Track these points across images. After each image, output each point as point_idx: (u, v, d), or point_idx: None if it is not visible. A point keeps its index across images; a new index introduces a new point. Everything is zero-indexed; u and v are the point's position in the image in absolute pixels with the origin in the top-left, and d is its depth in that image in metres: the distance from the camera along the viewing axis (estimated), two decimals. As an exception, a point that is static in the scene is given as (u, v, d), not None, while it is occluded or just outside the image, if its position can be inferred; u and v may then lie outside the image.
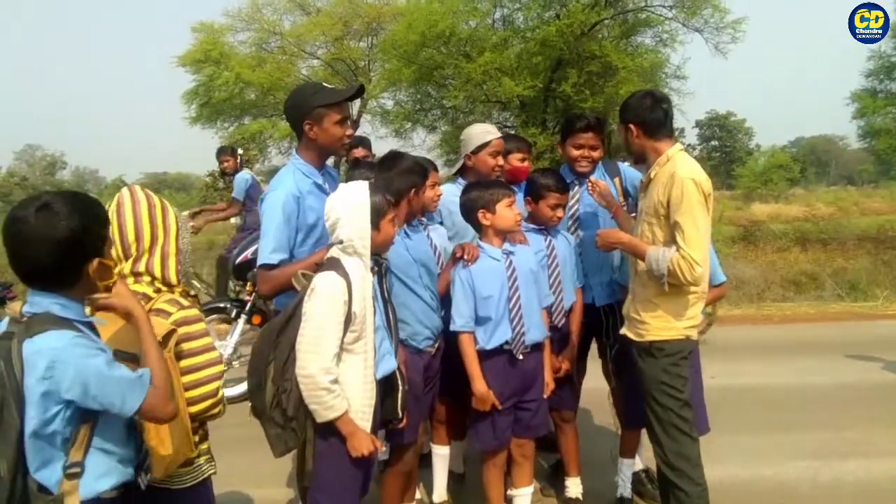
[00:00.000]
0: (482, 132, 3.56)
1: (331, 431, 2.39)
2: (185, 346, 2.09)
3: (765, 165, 37.30)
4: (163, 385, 1.80)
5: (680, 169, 2.80)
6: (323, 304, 2.33)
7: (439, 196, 3.29)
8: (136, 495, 2.00)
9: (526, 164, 3.73)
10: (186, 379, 2.09)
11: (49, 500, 1.67)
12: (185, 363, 2.09)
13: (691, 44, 18.46)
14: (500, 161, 3.55)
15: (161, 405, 1.78)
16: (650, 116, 2.93)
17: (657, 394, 2.91)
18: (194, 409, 2.11)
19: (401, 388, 2.66)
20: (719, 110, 61.82)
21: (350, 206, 2.45)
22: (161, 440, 1.97)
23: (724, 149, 62.05)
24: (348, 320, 2.37)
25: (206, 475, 2.24)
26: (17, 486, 1.63)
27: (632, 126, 2.96)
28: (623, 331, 3.09)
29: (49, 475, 1.68)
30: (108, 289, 1.86)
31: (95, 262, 1.74)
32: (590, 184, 3.46)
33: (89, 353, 1.67)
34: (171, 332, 2.01)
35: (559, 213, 3.36)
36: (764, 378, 6.01)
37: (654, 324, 2.92)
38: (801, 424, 4.83)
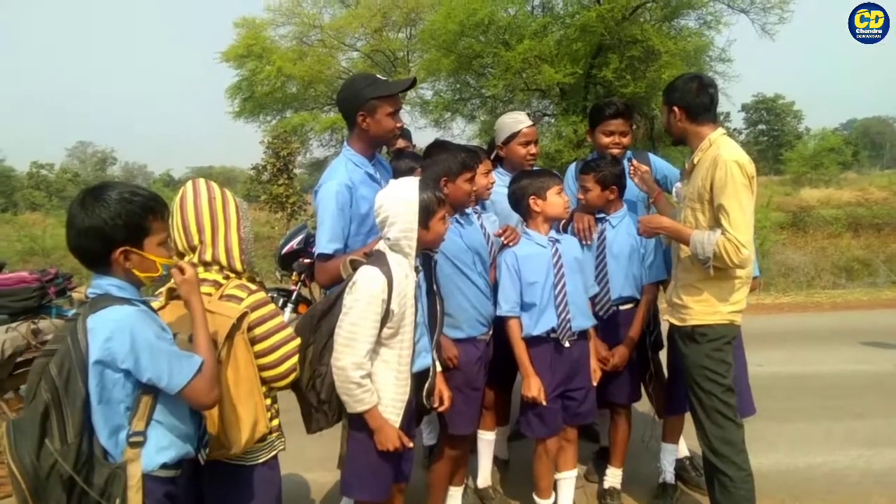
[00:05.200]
0: (512, 122, 3.56)
1: (363, 420, 2.44)
2: (259, 329, 2.21)
3: (815, 149, 36.05)
4: (210, 374, 1.89)
5: (723, 152, 2.78)
6: (361, 299, 2.36)
7: (493, 183, 3.29)
8: (209, 471, 2.14)
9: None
10: (266, 360, 2.22)
11: (114, 467, 1.77)
12: (261, 346, 2.22)
13: (737, 25, 18.00)
14: (533, 150, 3.55)
15: (205, 391, 1.87)
16: (695, 100, 2.90)
17: (700, 379, 2.90)
18: (280, 384, 2.28)
19: (429, 379, 2.67)
20: (766, 93, 60.17)
21: (398, 204, 2.44)
22: (238, 417, 2.09)
23: (772, 133, 60.29)
24: (386, 317, 2.39)
25: (276, 451, 2.35)
26: (83, 450, 1.75)
27: (676, 108, 2.93)
28: (666, 316, 3.08)
29: (116, 443, 1.80)
30: (157, 280, 1.95)
31: (118, 251, 1.83)
32: (632, 167, 3.44)
33: (145, 327, 1.79)
34: (243, 315, 2.12)
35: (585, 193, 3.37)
36: (814, 365, 5.89)
37: (697, 308, 2.90)
38: (853, 412, 4.73)
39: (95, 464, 1.76)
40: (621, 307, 3.41)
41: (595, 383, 3.21)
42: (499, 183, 3.39)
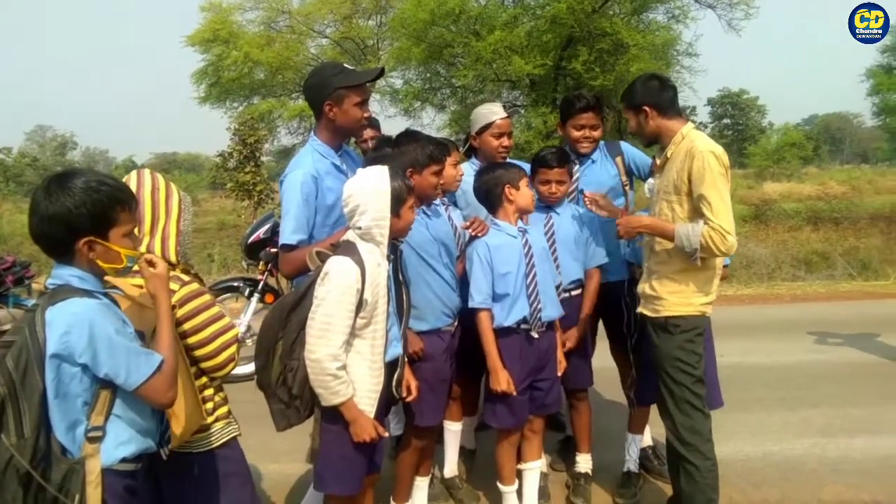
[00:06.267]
0: (486, 113, 3.56)
1: (337, 412, 2.42)
2: (191, 323, 2.16)
3: (777, 144, 36.82)
4: (170, 372, 1.86)
5: (698, 143, 2.82)
6: (335, 290, 2.33)
7: (461, 175, 3.29)
8: (166, 462, 2.10)
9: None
10: (204, 351, 2.18)
11: (71, 463, 1.73)
12: (198, 337, 2.17)
13: (704, 20, 18.17)
14: (506, 142, 3.55)
15: (162, 390, 1.84)
16: (662, 97, 2.94)
17: (672, 370, 2.94)
18: (219, 374, 2.23)
19: (398, 370, 2.66)
20: (732, 88, 61.23)
21: (369, 193, 2.42)
22: (173, 412, 2.03)
23: (736, 127, 61.43)
24: (359, 307, 2.37)
25: (228, 437, 2.32)
26: (40, 446, 1.70)
27: (646, 108, 2.95)
28: (639, 309, 3.11)
29: (74, 438, 1.75)
30: (121, 271, 1.90)
31: (82, 241, 1.78)
32: (585, 199, 3.35)
33: (105, 321, 1.74)
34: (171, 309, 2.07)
35: (553, 188, 3.33)
36: (773, 356, 6.04)
37: (671, 300, 2.94)
38: (810, 402, 4.87)
39: (53, 459, 1.72)
40: (573, 292, 3.43)
41: (559, 374, 3.23)
42: (471, 173, 3.39)
